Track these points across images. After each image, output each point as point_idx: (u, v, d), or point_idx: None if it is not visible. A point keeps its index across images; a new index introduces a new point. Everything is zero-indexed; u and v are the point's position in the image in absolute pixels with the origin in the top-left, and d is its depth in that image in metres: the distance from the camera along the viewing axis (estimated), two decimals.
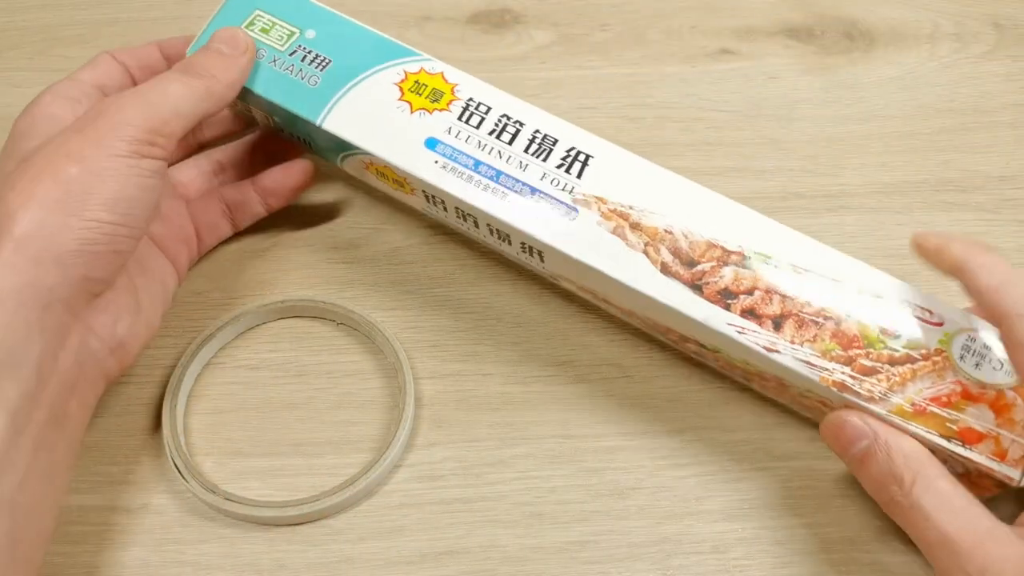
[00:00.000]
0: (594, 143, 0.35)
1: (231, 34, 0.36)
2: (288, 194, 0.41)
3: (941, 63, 0.48)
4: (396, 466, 0.36)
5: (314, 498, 0.34)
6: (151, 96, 0.33)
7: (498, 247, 0.37)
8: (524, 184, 0.34)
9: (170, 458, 0.35)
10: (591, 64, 0.48)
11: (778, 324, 0.32)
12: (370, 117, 0.35)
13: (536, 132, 0.35)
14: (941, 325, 0.32)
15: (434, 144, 0.35)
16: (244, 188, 0.40)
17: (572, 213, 0.33)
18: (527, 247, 0.35)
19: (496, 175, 0.34)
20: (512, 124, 0.35)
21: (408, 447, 0.36)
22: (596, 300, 0.37)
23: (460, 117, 0.35)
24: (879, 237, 0.42)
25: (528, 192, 0.34)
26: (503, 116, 0.35)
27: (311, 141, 0.38)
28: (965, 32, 0.49)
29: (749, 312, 0.32)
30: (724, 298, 0.32)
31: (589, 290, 0.36)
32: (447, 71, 0.36)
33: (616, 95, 0.47)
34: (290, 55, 0.37)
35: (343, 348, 0.39)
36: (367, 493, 0.35)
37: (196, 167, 0.41)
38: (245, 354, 0.39)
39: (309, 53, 0.36)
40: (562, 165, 0.34)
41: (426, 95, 0.35)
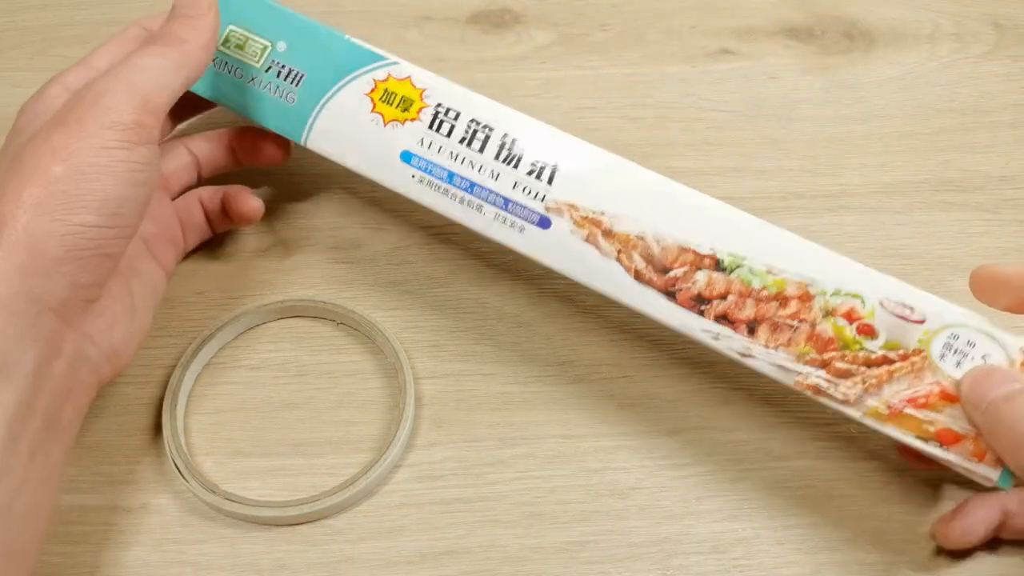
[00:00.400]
0: (562, 146, 0.35)
1: None
2: (236, 220, 0.40)
3: (941, 63, 0.48)
4: (396, 466, 0.36)
5: (314, 498, 0.34)
6: (130, 75, 0.31)
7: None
8: (498, 195, 0.35)
9: (170, 458, 0.35)
10: (591, 64, 0.48)
11: (752, 328, 0.32)
12: (347, 133, 0.36)
13: (504, 137, 0.35)
14: (922, 323, 0.31)
15: (409, 158, 0.36)
16: (218, 195, 0.40)
17: (545, 223, 0.34)
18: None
19: (470, 187, 0.35)
20: (481, 130, 0.35)
21: (408, 447, 0.36)
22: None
23: (431, 126, 0.36)
24: (879, 237, 0.42)
25: (502, 204, 0.35)
26: (472, 121, 0.36)
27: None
28: (965, 32, 0.49)
29: (723, 317, 0.32)
30: (698, 304, 0.33)
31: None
32: (413, 74, 0.36)
33: (616, 95, 0.47)
34: (266, 72, 0.37)
35: (343, 348, 0.39)
36: (367, 493, 0.35)
37: (178, 159, 0.39)
38: (245, 354, 0.39)
39: (283, 68, 0.37)
40: (532, 171, 0.35)
41: (396, 104, 0.36)
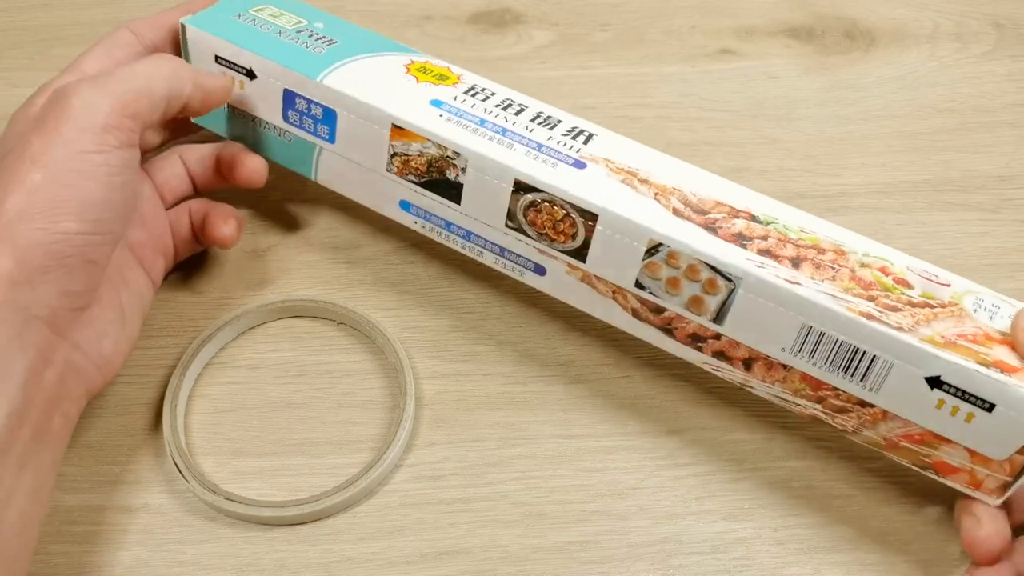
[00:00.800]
0: (595, 128, 0.36)
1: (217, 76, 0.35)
2: (208, 242, 0.39)
3: (941, 63, 0.48)
4: (396, 466, 0.36)
5: (314, 498, 0.34)
6: (114, 77, 0.31)
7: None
8: (531, 140, 0.34)
9: (170, 458, 0.35)
10: (591, 64, 0.48)
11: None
12: (374, 81, 0.35)
13: (540, 112, 0.36)
14: (949, 286, 0.32)
15: (439, 104, 0.35)
16: (204, 209, 0.39)
17: (580, 165, 0.33)
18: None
19: (502, 131, 0.34)
20: (516, 105, 0.36)
21: (408, 447, 0.36)
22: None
23: (467, 92, 0.36)
24: (879, 237, 0.41)
25: (535, 146, 0.34)
26: (507, 99, 0.36)
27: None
28: (965, 32, 0.49)
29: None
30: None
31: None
32: (451, 67, 0.37)
33: (616, 95, 0.47)
34: (297, 32, 0.37)
35: (343, 348, 0.39)
36: (367, 493, 0.35)
37: (170, 168, 0.38)
38: (245, 354, 0.39)
39: (315, 34, 0.37)
40: (568, 133, 0.35)
41: (432, 75, 0.36)
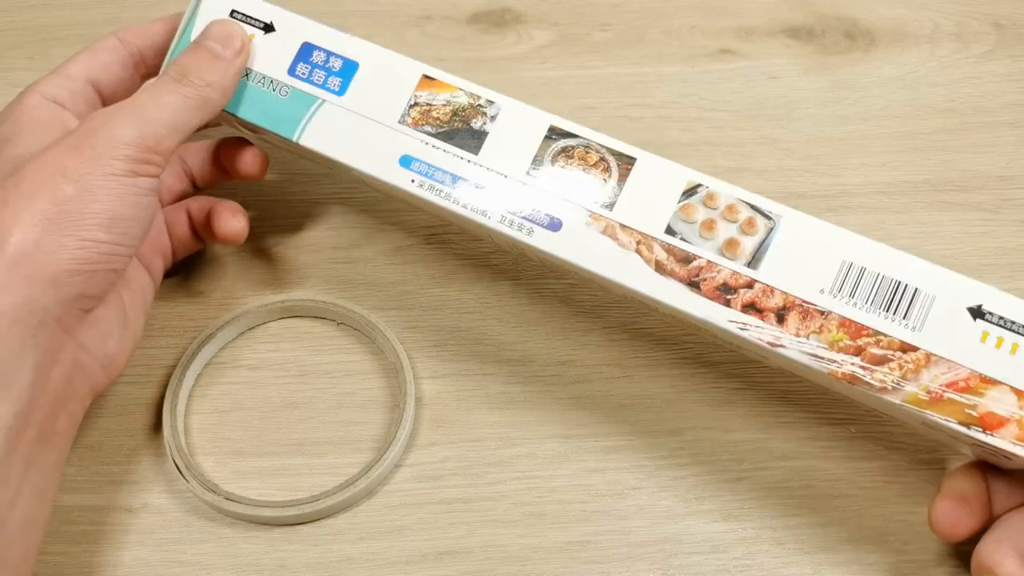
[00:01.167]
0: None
1: (227, 32, 0.34)
2: (220, 237, 0.39)
3: (941, 63, 0.48)
4: (397, 466, 0.36)
5: (314, 498, 0.34)
6: (146, 111, 0.32)
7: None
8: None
9: (170, 458, 0.35)
10: (591, 64, 0.48)
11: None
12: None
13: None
14: None
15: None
16: (207, 206, 0.39)
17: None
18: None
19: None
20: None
21: (408, 447, 0.36)
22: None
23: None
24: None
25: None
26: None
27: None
28: (965, 32, 0.49)
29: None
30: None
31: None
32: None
33: (616, 95, 0.47)
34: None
35: (343, 348, 0.39)
36: (367, 493, 0.35)
37: (168, 169, 0.38)
38: (245, 354, 0.39)
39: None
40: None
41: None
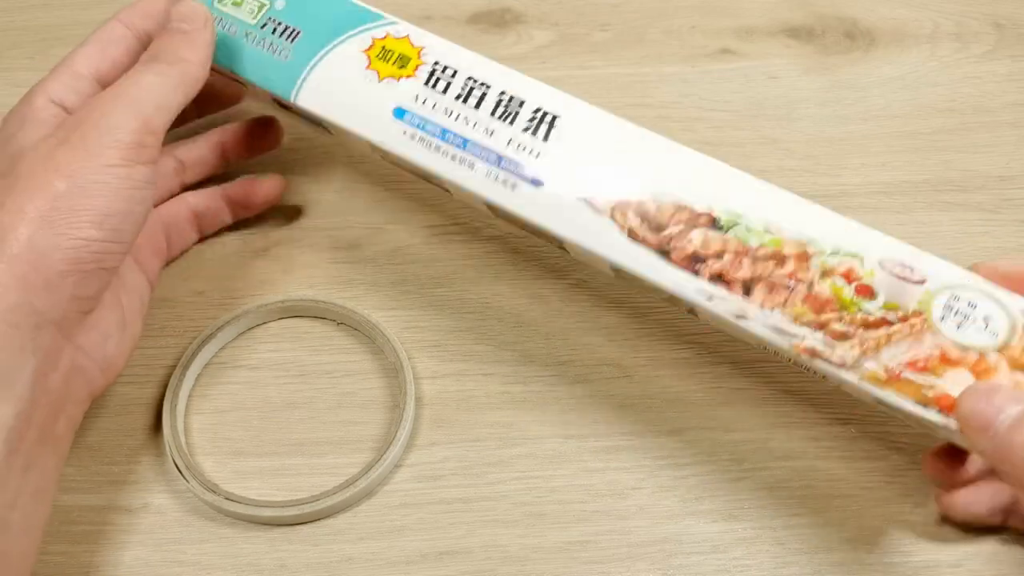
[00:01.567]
0: (561, 101, 0.35)
1: (188, 9, 0.34)
2: (259, 206, 0.40)
3: (941, 63, 0.48)
4: (396, 466, 0.36)
5: (314, 498, 0.34)
6: (130, 95, 0.32)
7: (466, 203, 0.37)
8: (491, 151, 0.34)
9: (170, 458, 0.35)
10: (591, 64, 0.48)
11: (748, 289, 0.31)
12: (339, 89, 0.36)
13: (502, 94, 0.35)
14: (923, 283, 0.31)
15: (402, 114, 0.35)
16: (213, 196, 0.40)
17: (538, 181, 0.33)
18: (494, 209, 0.35)
19: (463, 143, 0.34)
20: (478, 87, 0.35)
21: (408, 447, 0.36)
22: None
23: (427, 82, 0.35)
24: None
25: (495, 160, 0.34)
26: (469, 79, 0.35)
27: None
28: (965, 32, 0.49)
29: (718, 277, 0.32)
30: (693, 263, 0.32)
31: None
32: (412, 34, 0.36)
33: (616, 95, 0.47)
34: (261, 28, 0.37)
35: (343, 348, 0.39)
36: (367, 493, 0.35)
37: (160, 166, 0.38)
38: (245, 354, 0.39)
39: (279, 25, 0.37)
40: (528, 128, 0.34)
41: (392, 61, 0.36)
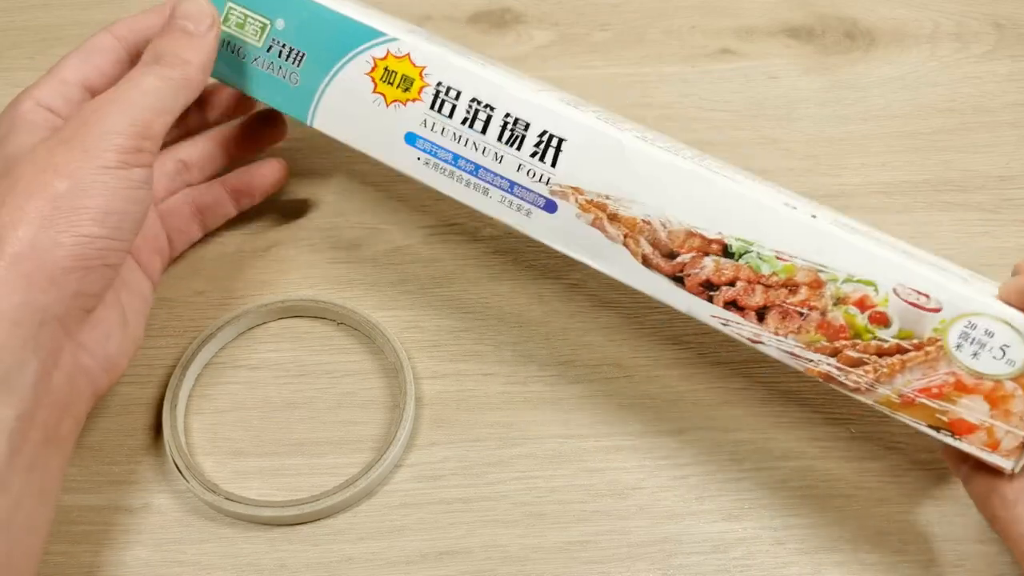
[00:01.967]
0: (566, 121, 0.34)
1: (195, 8, 0.34)
2: (261, 194, 0.41)
3: (941, 63, 0.48)
4: (396, 466, 0.36)
5: (314, 498, 0.34)
6: (130, 99, 0.32)
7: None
8: (503, 178, 0.35)
9: (171, 458, 0.35)
10: (591, 64, 0.48)
11: (761, 315, 0.32)
12: (352, 115, 0.36)
13: (507, 116, 0.35)
14: (939, 311, 0.30)
15: (413, 140, 0.36)
16: (214, 189, 0.40)
17: (551, 207, 0.34)
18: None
19: (475, 169, 0.35)
20: (483, 109, 0.35)
21: (408, 447, 0.36)
22: None
23: (432, 106, 0.36)
24: None
25: (507, 187, 0.35)
26: (473, 101, 0.35)
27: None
28: (965, 32, 0.49)
29: (731, 304, 0.32)
30: (706, 290, 0.32)
31: None
32: (412, 52, 0.36)
33: (616, 95, 0.47)
34: (267, 51, 0.37)
35: (343, 348, 0.39)
36: (367, 493, 0.35)
37: (159, 168, 0.38)
38: (245, 354, 0.39)
39: (283, 47, 0.37)
40: (536, 153, 0.34)
41: (397, 84, 0.36)
